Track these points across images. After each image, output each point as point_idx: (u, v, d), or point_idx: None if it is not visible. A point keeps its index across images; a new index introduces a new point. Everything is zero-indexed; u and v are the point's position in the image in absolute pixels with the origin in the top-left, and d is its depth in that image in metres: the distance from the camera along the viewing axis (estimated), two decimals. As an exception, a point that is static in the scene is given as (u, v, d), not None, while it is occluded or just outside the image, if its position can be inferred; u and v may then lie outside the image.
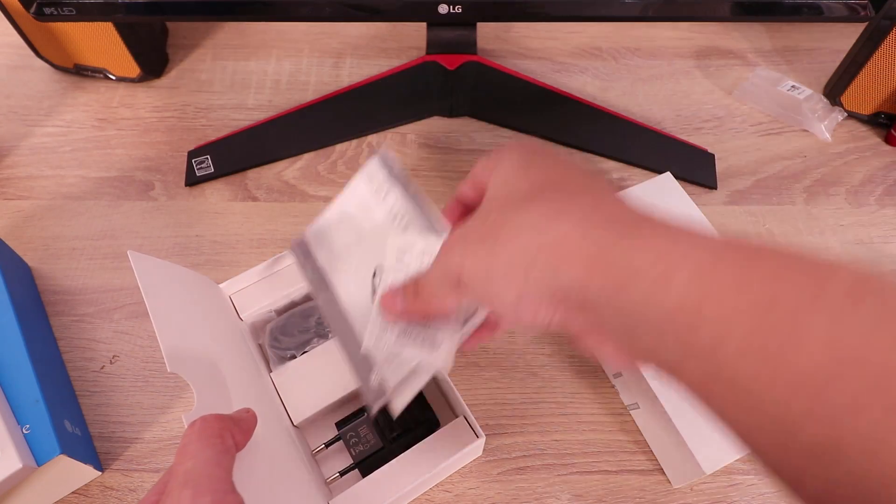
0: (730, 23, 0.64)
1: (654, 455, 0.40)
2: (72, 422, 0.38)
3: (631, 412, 0.41)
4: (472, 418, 0.37)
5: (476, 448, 0.38)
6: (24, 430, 0.35)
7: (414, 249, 0.33)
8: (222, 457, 0.27)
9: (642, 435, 0.41)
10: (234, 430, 0.29)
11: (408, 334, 0.32)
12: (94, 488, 0.39)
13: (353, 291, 0.35)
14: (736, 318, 0.18)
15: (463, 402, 0.37)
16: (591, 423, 0.41)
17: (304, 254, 0.38)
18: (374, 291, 0.34)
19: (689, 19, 0.47)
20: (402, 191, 0.35)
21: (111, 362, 0.43)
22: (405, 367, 0.31)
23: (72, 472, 0.38)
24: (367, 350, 0.33)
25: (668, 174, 0.46)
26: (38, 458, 0.34)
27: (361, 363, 0.33)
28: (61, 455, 0.34)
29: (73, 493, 0.39)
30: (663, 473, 0.40)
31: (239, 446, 0.29)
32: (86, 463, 0.37)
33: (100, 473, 0.39)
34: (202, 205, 0.51)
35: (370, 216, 0.37)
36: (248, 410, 0.32)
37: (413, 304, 0.29)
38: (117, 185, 0.52)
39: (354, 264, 0.36)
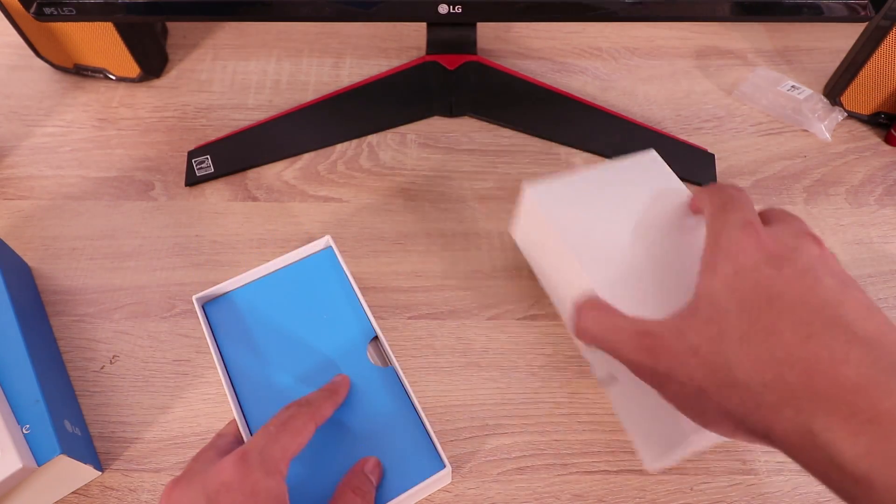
0: (730, 23, 0.64)
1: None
2: (72, 422, 0.38)
3: (606, 388, 0.39)
4: (439, 447, 0.37)
5: (442, 478, 0.37)
6: (24, 430, 0.35)
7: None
8: None
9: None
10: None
11: None
12: (94, 488, 0.39)
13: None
14: None
15: (431, 430, 0.37)
16: (591, 423, 0.41)
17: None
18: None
19: (689, 19, 0.47)
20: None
21: (111, 362, 0.43)
22: None
23: (72, 472, 0.38)
24: None
25: (651, 150, 0.43)
26: (38, 458, 0.34)
27: None
28: (61, 455, 0.34)
29: (73, 493, 0.39)
30: (664, 473, 0.40)
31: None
32: (86, 463, 0.37)
33: (100, 473, 0.39)
34: (202, 205, 0.51)
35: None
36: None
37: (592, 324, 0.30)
38: (117, 185, 0.52)
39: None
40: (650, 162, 0.43)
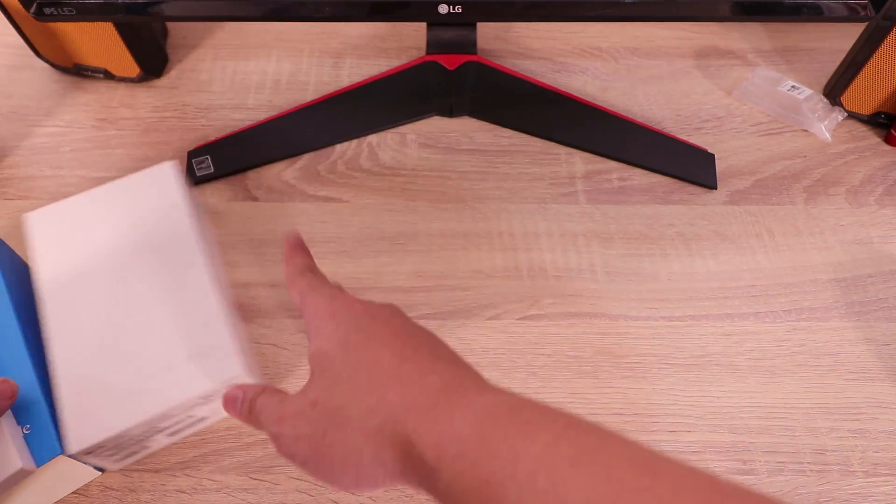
0: (730, 23, 0.64)
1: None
2: (72, 422, 0.38)
3: None
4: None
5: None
6: (24, 430, 0.35)
7: None
8: None
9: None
10: None
11: None
12: (93, 488, 0.39)
13: None
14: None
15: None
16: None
17: None
18: None
19: (689, 19, 0.47)
20: None
21: (111, 362, 0.43)
22: None
23: (72, 472, 0.38)
24: None
25: (167, 164, 0.44)
26: (38, 458, 0.34)
27: None
28: (61, 455, 0.34)
29: (73, 493, 0.39)
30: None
31: None
32: (86, 463, 0.37)
33: (100, 473, 0.39)
34: (202, 205, 0.51)
35: None
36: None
37: (245, 420, 0.31)
38: (117, 185, 0.52)
39: None
40: (161, 179, 0.43)
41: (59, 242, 0.40)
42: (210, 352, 0.37)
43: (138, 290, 0.39)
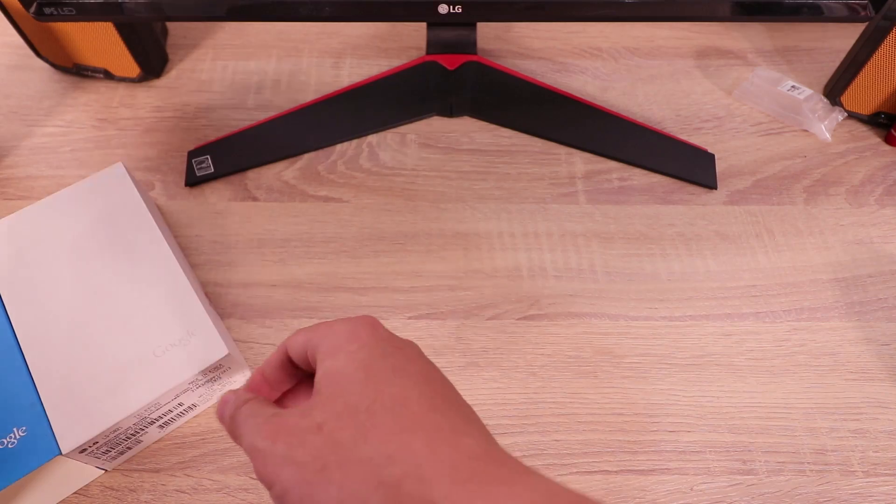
0: (730, 23, 0.64)
1: (655, 455, 0.40)
2: (72, 422, 0.38)
3: None
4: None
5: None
6: (21, 433, 0.35)
7: None
8: None
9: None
10: None
11: None
12: (94, 488, 0.39)
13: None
14: None
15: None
16: (591, 423, 0.41)
17: None
18: None
19: (689, 19, 0.47)
20: None
21: (111, 362, 0.43)
22: None
23: (71, 473, 0.38)
24: None
25: (118, 165, 0.45)
26: (37, 459, 0.34)
27: None
28: (59, 455, 0.35)
29: (73, 493, 0.39)
30: (664, 473, 0.40)
31: None
32: (83, 462, 0.37)
33: (100, 473, 0.39)
34: (202, 205, 0.51)
35: None
36: None
37: (227, 426, 0.28)
38: (117, 185, 0.52)
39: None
40: (114, 180, 0.44)
41: (20, 251, 0.41)
42: (192, 337, 0.38)
43: (110, 286, 0.40)
